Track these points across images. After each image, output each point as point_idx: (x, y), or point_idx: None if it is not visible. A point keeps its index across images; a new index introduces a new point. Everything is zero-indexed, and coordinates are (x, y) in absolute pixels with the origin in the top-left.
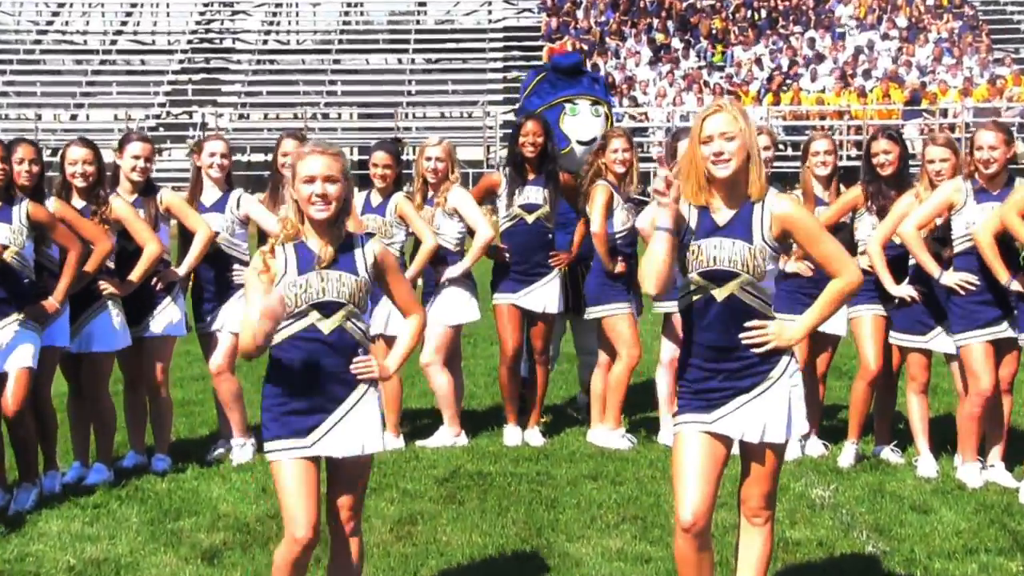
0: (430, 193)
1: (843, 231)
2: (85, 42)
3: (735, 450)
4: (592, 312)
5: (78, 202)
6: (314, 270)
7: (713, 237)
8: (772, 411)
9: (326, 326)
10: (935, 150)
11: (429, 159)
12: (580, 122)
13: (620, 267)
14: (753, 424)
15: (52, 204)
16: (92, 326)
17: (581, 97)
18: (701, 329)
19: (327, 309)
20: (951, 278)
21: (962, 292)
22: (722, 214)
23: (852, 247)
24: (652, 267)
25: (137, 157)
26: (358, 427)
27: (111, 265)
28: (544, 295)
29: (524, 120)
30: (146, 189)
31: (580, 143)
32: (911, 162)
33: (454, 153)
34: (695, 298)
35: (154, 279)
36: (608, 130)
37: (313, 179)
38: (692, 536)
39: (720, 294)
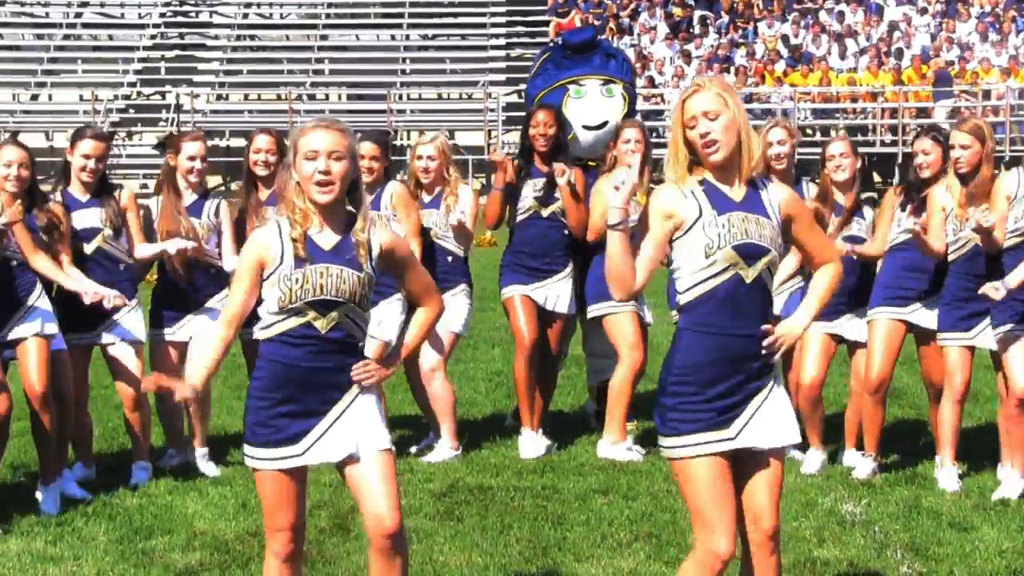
0: (426, 197)
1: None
2: (47, 14)
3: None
4: (592, 311)
5: None
6: (313, 263)
7: (738, 211)
8: (782, 411)
9: (323, 324)
10: (957, 135)
11: (420, 158)
12: (585, 105)
13: None
14: (770, 429)
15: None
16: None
17: (589, 77)
18: (725, 316)
19: (325, 307)
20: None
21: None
22: (734, 191)
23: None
24: (612, 269)
25: (88, 157)
26: (354, 427)
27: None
28: (555, 292)
29: (535, 110)
30: (100, 189)
31: (586, 128)
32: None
33: (449, 150)
34: (719, 281)
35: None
36: (621, 119)
37: (316, 155)
38: (725, 563)
39: (750, 274)
